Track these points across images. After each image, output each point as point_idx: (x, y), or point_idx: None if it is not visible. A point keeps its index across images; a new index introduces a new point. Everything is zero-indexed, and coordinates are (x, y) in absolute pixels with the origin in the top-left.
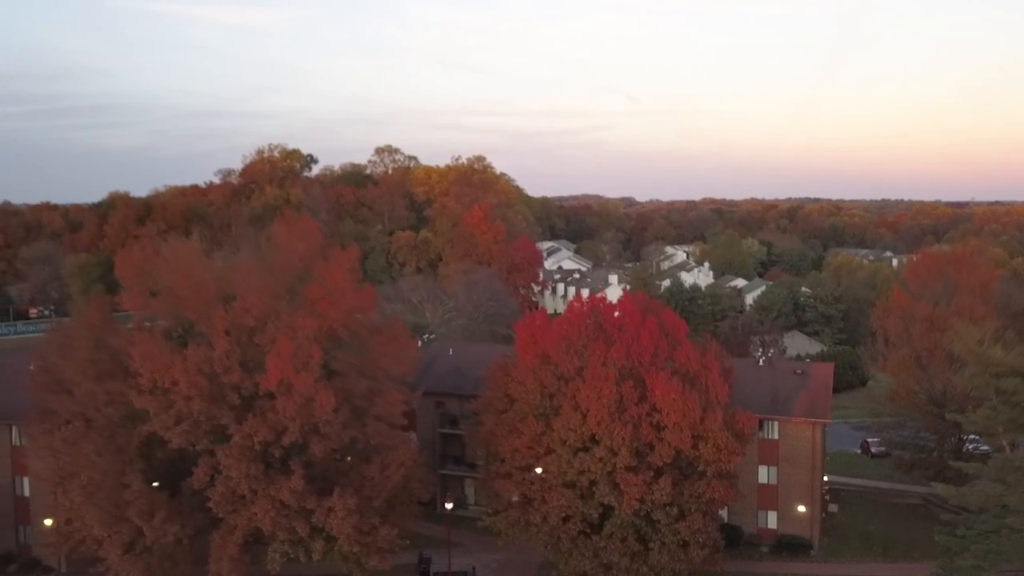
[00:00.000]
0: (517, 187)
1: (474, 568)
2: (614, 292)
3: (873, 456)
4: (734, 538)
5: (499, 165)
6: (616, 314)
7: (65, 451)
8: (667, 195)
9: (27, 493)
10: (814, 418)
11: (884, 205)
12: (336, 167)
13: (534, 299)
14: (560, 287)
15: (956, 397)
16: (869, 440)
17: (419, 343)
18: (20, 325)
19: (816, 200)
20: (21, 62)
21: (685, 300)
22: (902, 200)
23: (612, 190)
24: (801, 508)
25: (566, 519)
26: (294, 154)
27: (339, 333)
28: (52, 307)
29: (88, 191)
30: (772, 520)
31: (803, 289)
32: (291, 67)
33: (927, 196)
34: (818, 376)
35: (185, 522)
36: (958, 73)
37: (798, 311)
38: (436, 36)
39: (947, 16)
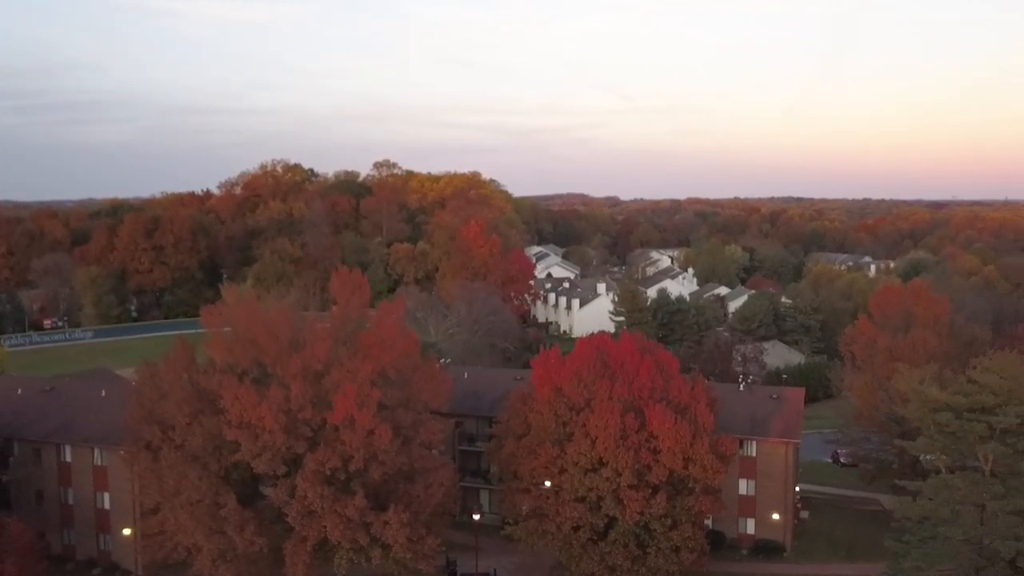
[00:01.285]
0: (506, 192)
1: (495, 570)
2: (603, 302)
3: (842, 466)
4: (718, 542)
5: (492, 163)
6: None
7: (169, 475)
8: (652, 193)
9: (107, 506)
10: (787, 438)
11: (866, 204)
12: (330, 174)
13: (528, 309)
14: (552, 296)
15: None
16: (839, 451)
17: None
18: (35, 335)
19: (799, 200)
20: (10, 57)
21: (671, 312)
22: (884, 200)
23: (598, 189)
24: (776, 516)
25: (577, 528)
26: (296, 169)
27: (389, 373)
28: (66, 318)
29: (78, 187)
30: (751, 526)
31: (783, 300)
32: (286, 63)
33: (908, 195)
34: (791, 400)
35: (266, 533)
36: (942, 75)
37: (778, 321)
38: (432, 33)
39: (933, 17)
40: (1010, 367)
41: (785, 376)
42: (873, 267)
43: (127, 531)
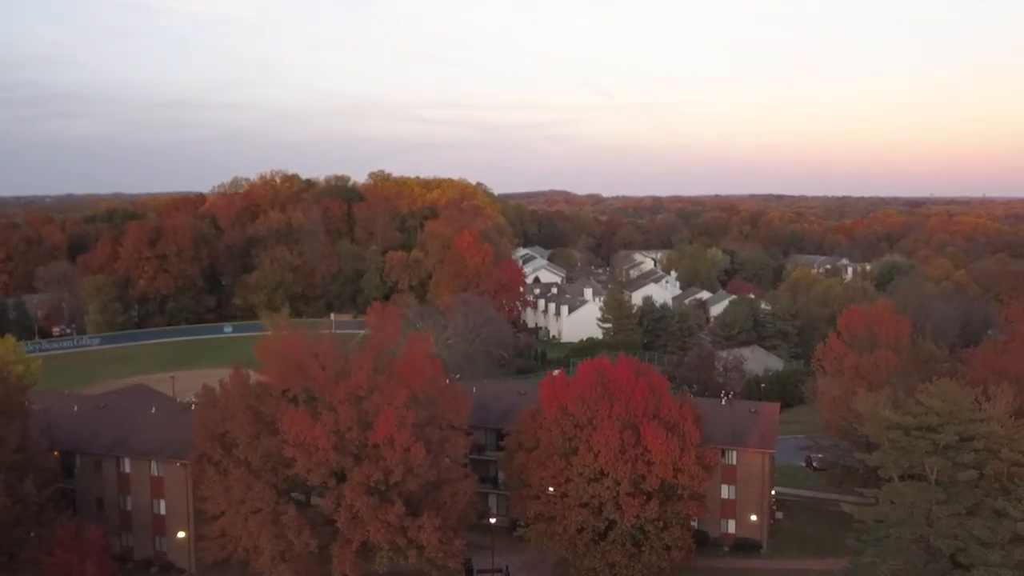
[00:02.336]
0: (495, 196)
1: (507, 567)
2: (591, 308)
3: (814, 470)
4: (702, 541)
5: (471, 159)
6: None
7: (236, 487)
8: (633, 190)
9: (163, 512)
10: (764, 449)
11: (844, 203)
12: (321, 178)
13: (519, 315)
14: (541, 302)
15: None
16: (811, 456)
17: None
18: (44, 343)
19: (779, 197)
20: None
21: (656, 319)
22: (863, 197)
23: (580, 186)
24: (753, 517)
25: (581, 530)
26: (294, 179)
27: (419, 396)
28: (73, 326)
29: (57, 182)
30: (731, 527)
31: (763, 306)
32: (264, 58)
33: (887, 192)
34: (767, 414)
35: (316, 535)
36: (920, 74)
37: (758, 327)
38: (409, 29)
39: (912, 16)
40: (950, 393)
41: (764, 385)
42: (850, 270)
43: (181, 534)
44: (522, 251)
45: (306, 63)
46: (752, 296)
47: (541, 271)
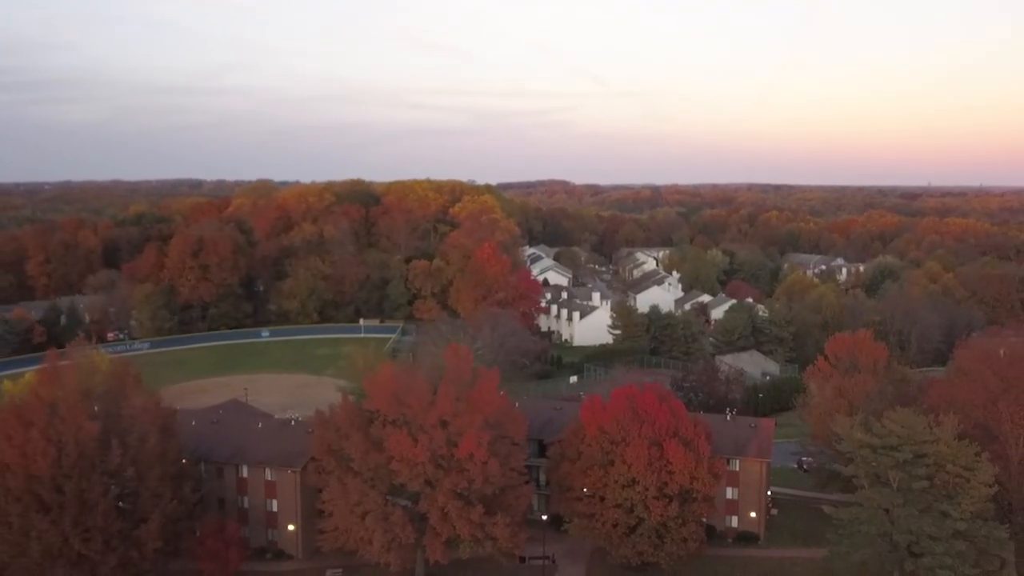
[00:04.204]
0: (499, 194)
1: (553, 554)
2: (601, 315)
3: (805, 471)
4: (710, 533)
5: (466, 147)
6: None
7: (353, 493)
8: (631, 178)
9: (275, 509)
10: (761, 458)
11: (843, 194)
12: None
13: (534, 321)
14: (554, 308)
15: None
16: (802, 459)
17: None
18: (101, 347)
19: (776, 187)
20: None
21: (662, 326)
22: (862, 187)
23: (578, 175)
24: (752, 514)
25: (615, 526)
26: (324, 193)
27: (490, 419)
28: (126, 331)
29: (54, 168)
30: (734, 522)
31: (760, 313)
32: (259, 44)
33: (884, 182)
34: (764, 428)
35: (416, 530)
36: (918, 63)
37: (756, 333)
38: (404, 16)
39: (910, 4)
40: (908, 420)
41: (761, 395)
42: (844, 271)
43: (291, 527)
44: (529, 250)
45: (302, 50)
46: (750, 300)
47: (549, 272)
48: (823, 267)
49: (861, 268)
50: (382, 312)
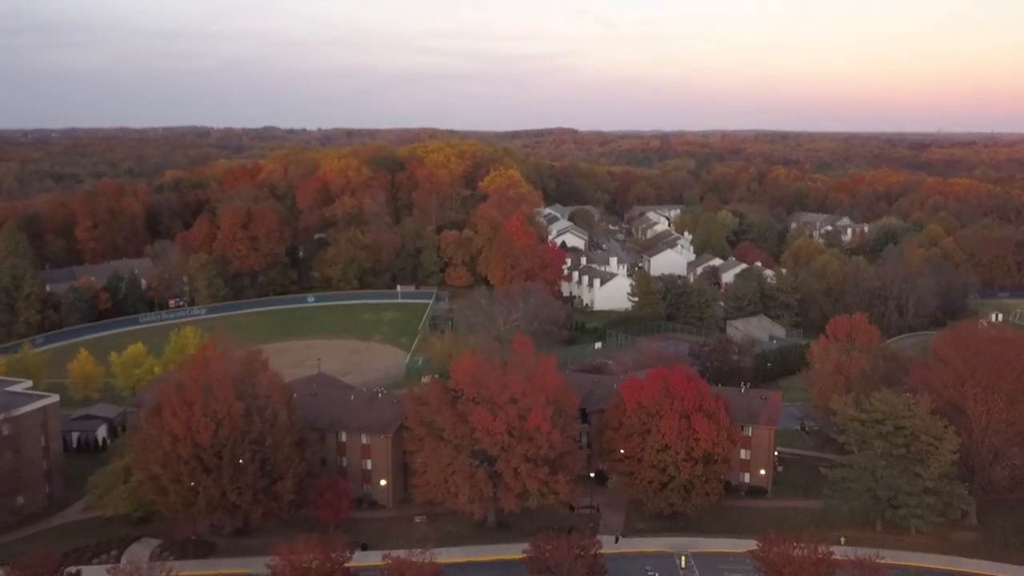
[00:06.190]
0: (514, 153)
1: (597, 504)
2: (620, 282)
3: (807, 433)
4: (727, 488)
5: (472, 92)
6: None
7: (445, 456)
8: (638, 124)
9: (369, 467)
10: (770, 425)
11: (851, 144)
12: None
13: (558, 288)
14: (575, 275)
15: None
16: (805, 422)
17: None
18: (163, 313)
19: (784, 135)
20: None
21: (678, 294)
22: (872, 135)
23: (584, 122)
24: (762, 471)
25: (650, 482)
26: (362, 169)
27: (550, 397)
28: (186, 299)
29: (61, 114)
30: (747, 478)
31: (768, 279)
32: None
33: (895, 128)
34: (772, 399)
35: (494, 486)
36: (929, 5)
37: (764, 299)
38: None
39: None
40: (890, 399)
41: (770, 364)
42: (849, 231)
43: (383, 482)
44: (545, 211)
45: None
46: (759, 264)
47: (567, 235)
48: (829, 228)
49: (866, 228)
50: (416, 279)
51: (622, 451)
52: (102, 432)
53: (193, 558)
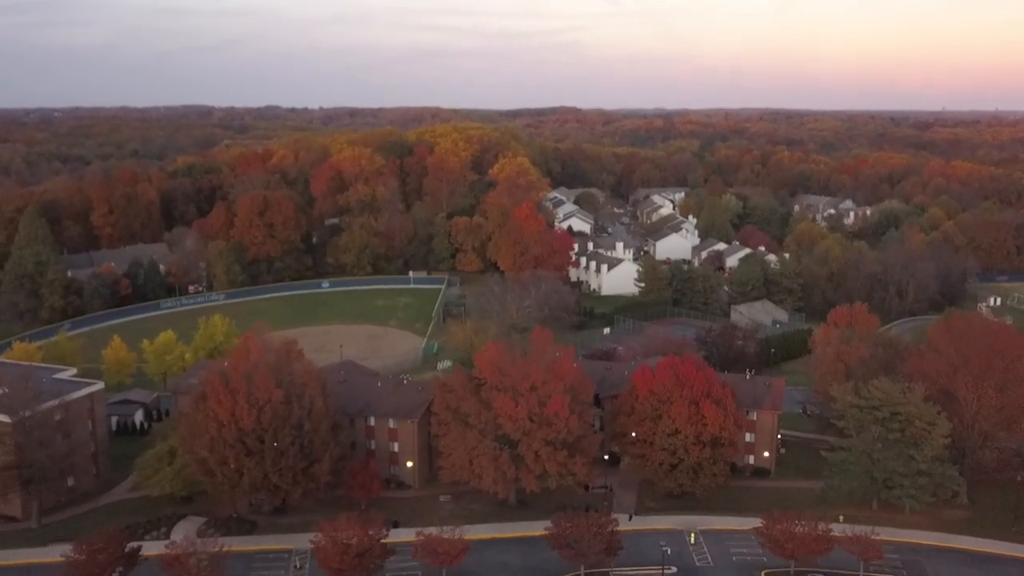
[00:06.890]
0: (521, 137)
1: (611, 484)
2: (626, 267)
3: (808, 416)
4: (732, 469)
5: (473, 70)
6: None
7: (470, 440)
8: (641, 103)
9: (396, 450)
10: (773, 410)
11: (854, 123)
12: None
13: (567, 274)
14: (583, 260)
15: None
16: (807, 406)
17: None
18: (184, 299)
19: (788, 114)
20: None
21: (683, 280)
22: (874, 113)
23: (587, 100)
24: (766, 453)
25: (661, 464)
26: (375, 157)
27: (568, 385)
28: (203, 285)
29: (62, 93)
30: (752, 460)
31: (771, 264)
32: None
33: (899, 106)
34: (775, 385)
35: (515, 467)
36: None
37: (767, 284)
38: None
39: None
40: (887, 387)
41: (773, 350)
42: (852, 214)
43: (410, 463)
44: (551, 194)
45: None
46: (762, 248)
47: (573, 219)
48: (832, 211)
49: (868, 212)
50: (428, 264)
51: (634, 435)
52: (139, 416)
53: (237, 535)
